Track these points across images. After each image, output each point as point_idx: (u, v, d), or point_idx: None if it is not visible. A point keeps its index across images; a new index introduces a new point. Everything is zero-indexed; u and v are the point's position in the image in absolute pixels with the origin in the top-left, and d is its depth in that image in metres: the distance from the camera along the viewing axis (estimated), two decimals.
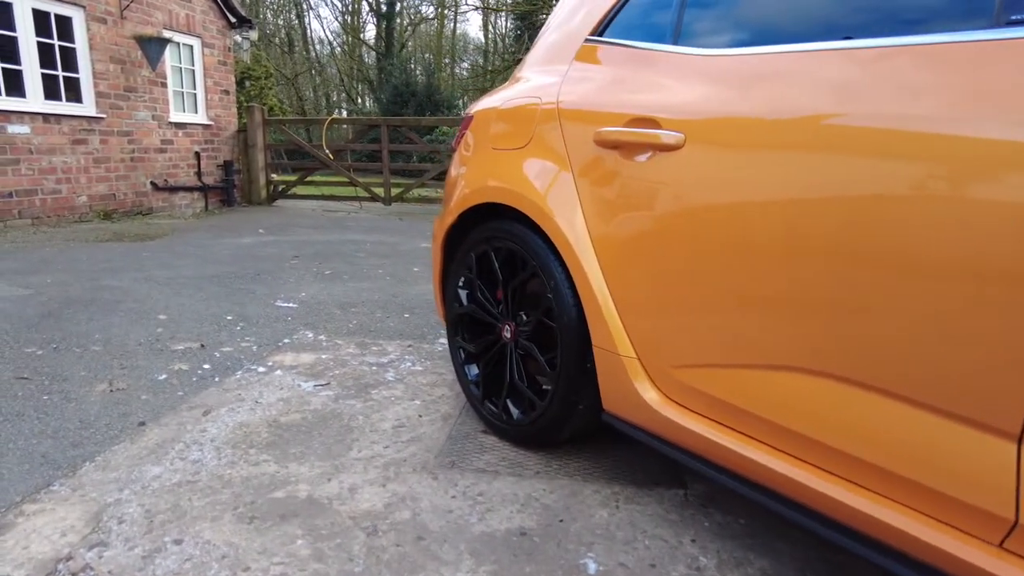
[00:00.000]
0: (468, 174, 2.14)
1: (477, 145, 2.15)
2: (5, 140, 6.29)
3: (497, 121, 2.06)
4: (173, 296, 3.66)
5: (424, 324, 3.37)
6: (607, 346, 1.64)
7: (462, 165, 2.23)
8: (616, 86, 1.70)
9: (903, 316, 1.08)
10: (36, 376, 2.39)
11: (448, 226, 2.19)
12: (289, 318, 3.35)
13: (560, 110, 1.80)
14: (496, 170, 1.99)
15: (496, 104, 2.11)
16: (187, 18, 8.40)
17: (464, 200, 2.09)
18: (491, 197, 1.98)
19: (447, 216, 2.21)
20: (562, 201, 1.73)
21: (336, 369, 2.64)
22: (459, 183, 2.19)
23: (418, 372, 2.66)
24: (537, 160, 1.84)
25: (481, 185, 2.03)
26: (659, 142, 1.50)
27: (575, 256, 1.68)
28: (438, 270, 2.33)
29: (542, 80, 1.96)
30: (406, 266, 4.95)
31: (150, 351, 2.74)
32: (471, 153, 2.18)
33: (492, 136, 2.06)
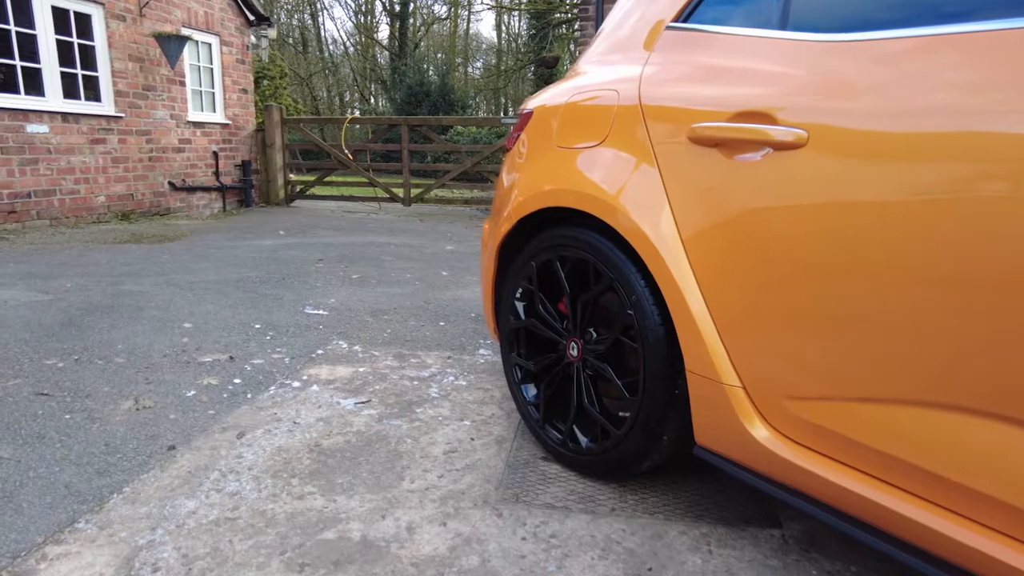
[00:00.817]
0: (527, 176, 1.95)
1: (538, 144, 1.96)
2: (24, 140, 6.17)
3: (564, 117, 1.86)
4: (197, 302, 3.49)
5: (461, 333, 3.18)
6: (704, 372, 1.44)
7: (518, 166, 2.04)
8: (712, 77, 1.50)
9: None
10: (57, 392, 2.22)
11: (504, 234, 2.00)
12: (320, 326, 3.17)
13: (643, 104, 1.60)
14: (563, 171, 1.80)
15: (561, 99, 1.91)
16: (206, 16, 8.27)
17: (523, 205, 1.90)
18: (556, 201, 1.78)
19: (502, 222, 2.01)
20: (647, 205, 1.54)
21: (376, 384, 2.45)
22: (516, 186, 2.00)
23: (463, 388, 2.47)
24: (615, 159, 1.64)
25: (544, 188, 1.83)
26: (774, 139, 1.29)
27: (664, 267, 1.48)
28: (490, 281, 2.14)
29: (616, 72, 1.77)
30: (434, 270, 4.76)
31: (176, 363, 2.57)
32: (530, 153, 1.99)
33: (558, 134, 1.86)
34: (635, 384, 1.62)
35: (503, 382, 2.54)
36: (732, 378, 1.40)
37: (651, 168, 1.55)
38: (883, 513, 1.15)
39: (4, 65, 6.07)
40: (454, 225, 7.72)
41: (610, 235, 1.66)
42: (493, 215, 2.21)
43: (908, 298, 1.09)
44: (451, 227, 7.52)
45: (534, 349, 2.02)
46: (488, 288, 2.16)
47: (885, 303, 1.12)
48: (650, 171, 1.55)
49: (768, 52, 1.42)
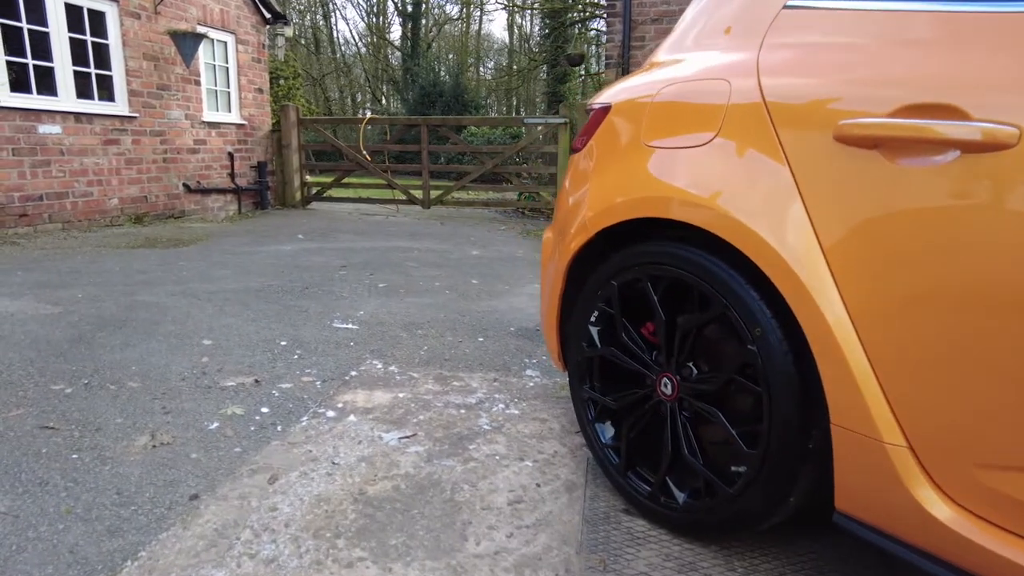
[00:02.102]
0: (605, 182, 1.67)
1: (618, 144, 1.68)
2: (36, 141, 5.96)
3: (655, 113, 1.58)
4: (216, 315, 3.24)
5: (503, 351, 2.90)
6: (856, 426, 1.15)
7: (592, 170, 1.76)
8: (860, 63, 1.22)
9: None
10: (64, 425, 1.97)
11: (576, 248, 1.72)
12: (351, 343, 2.90)
13: (767, 97, 1.32)
14: (655, 175, 1.52)
15: (649, 91, 1.63)
16: (221, 13, 8.06)
17: (602, 215, 1.62)
18: (647, 210, 1.50)
19: (572, 235, 1.73)
20: (777, 217, 1.25)
21: (419, 413, 2.18)
22: (590, 193, 1.72)
23: (515, 417, 2.19)
24: (729, 162, 1.36)
25: (630, 195, 1.56)
26: (964, 139, 1.01)
27: (804, 295, 1.20)
28: (555, 301, 1.86)
29: (721, 60, 1.48)
30: (463, 278, 4.49)
31: (196, 388, 2.31)
32: (607, 155, 1.71)
33: (647, 132, 1.58)
34: (754, 434, 1.34)
35: (559, 411, 2.27)
36: (895, 435, 1.12)
37: (781, 172, 1.27)
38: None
39: (16, 64, 5.87)
40: (476, 228, 7.45)
41: (722, 252, 1.38)
42: (557, 225, 1.93)
43: None
44: (473, 230, 7.25)
45: (612, 382, 1.74)
46: (552, 309, 1.88)
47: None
48: (779, 176, 1.26)
49: (940, 29, 1.14)
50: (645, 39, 7.57)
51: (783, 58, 1.35)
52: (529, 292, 4.12)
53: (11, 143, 5.76)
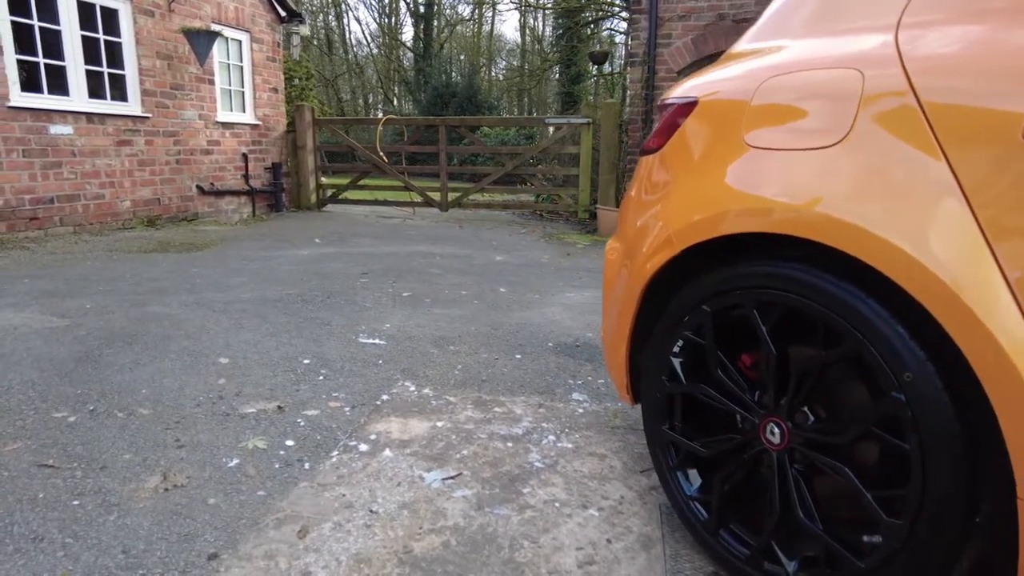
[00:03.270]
0: (695, 187, 1.42)
1: (711, 144, 1.43)
2: (47, 141, 5.79)
3: (761, 107, 1.33)
4: (233, 329, 3.01)
5: (543, 370, 2.66)
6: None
7: (675, 174, 1.51)
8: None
9: None
10: (65, 462, 1.74)
11: (656, 267, 1.47)
12: (380, 361, 2.67)
13: (918, 90, 1.07)
14: (764, 181, 1.27)
15: (747, 82, 1.38)
16: (236, 11, 7.87)
17: (694, 228, 1.37)
18: (757, 223, 1.25)
19: (653, 251, 1.48)
20: (936, 232, 1.00)
21: (462, 447, 1.94)
22: (673, 201, 1.47)
23: (569, 453, 1.95)
24: (869, 165, 1.11)
25: (732, 205, 1.31)
26: None
27: (976, 329, 0.94)
28: (626, 327, 1.61)
29: (848, 46, 1.23)
30: (490, 286, 4.26)
31: (212, 416, 2.08)
32: (696, 156, 1.46)
33: (750, 129, 1.33)
34: (898, 501, 1.09)
35: (617, 444, 2.02)
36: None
37: (940, 177, 1.01)
38: None
39: (26, 63, 5.70)
40: (496, 232, 7.22)
41: (856, 277, 1.13)
42: (625, 238, 1.69)
43: None
44: (493, 234, 7.02)
45: (700, 424, 1.49)
46: (621, 336, 1.63)
47: None
48: (938, 182, 1.01)
49: None
50: (672, 36, 7.31)
51: (936, 39, 1.10)
52: (562, 302, 3.87)
53: (22, 144, 5.58)
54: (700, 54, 7.19)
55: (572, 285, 4.42)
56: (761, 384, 1.35)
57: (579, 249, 6.24)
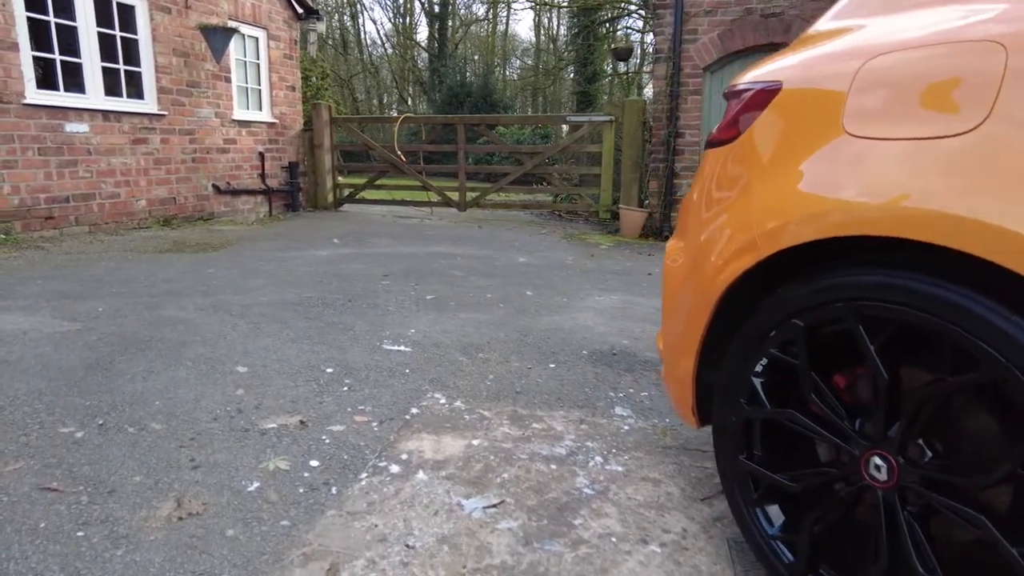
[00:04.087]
0: (782, 183, 1.24)
1: (802, 134, 1.24)
2: (63, 140, 5.70)
3: (866, 91, 1.14)
4: (251, 335, 2.86)
5: (581, 380, 2.48)
6: None
7: (756, 168, 1.33)
8: None
9: None
10: (71, 485, 1.59)
11: (735, 274, 1.28)
12: (406, 370, 2.50)
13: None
14: (875, 176, 1.08)
15: (842, 64, 1.19)
16: (253, 8, 7.76)
17: (780, 232, 1.18)
18: (867, 225, 1.06)
19: (730, 256, 1.30)
20: None
21: (501, 470, 1.77)
22: (755, 199, 1.29)
23: (620, 477, 1.77)
24: (1017, 157, 0.92)
25: (829, 205, 1.12)
26: None
27: None
28: (695, 341, 1.42)
29: (968, 14, 1.05)
30: (516, 288, 4.08)
31: (230, 432, 1.92)
32: (783, 147, 1.28)
33: (854, 116, 1.14)
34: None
35: (671, 468, 1.84)
36: None
37: None
38: None
39: (42, 60, 5.61)
40: (516, 232, 7.04)
41: (995, 290, 0.94)
42: (691, 239, 1.50)
43: None
44: (513, 234, 6.85)
45: (786, 454, 1.31)
46: (688, 350, 1.45)
47: None
48: None
49: None
50: (698, 32, 7.09)
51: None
52: (591, 306, 3.69)
53: (37, 142, 5.49)
54: (727, 50, 6.97)
55: (600, 288, 4.24)
56: (862, 411, 1.17)
57: (603, 250, 6.06)
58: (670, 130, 7.12)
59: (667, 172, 7.15)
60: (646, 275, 4.81)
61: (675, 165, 7.16)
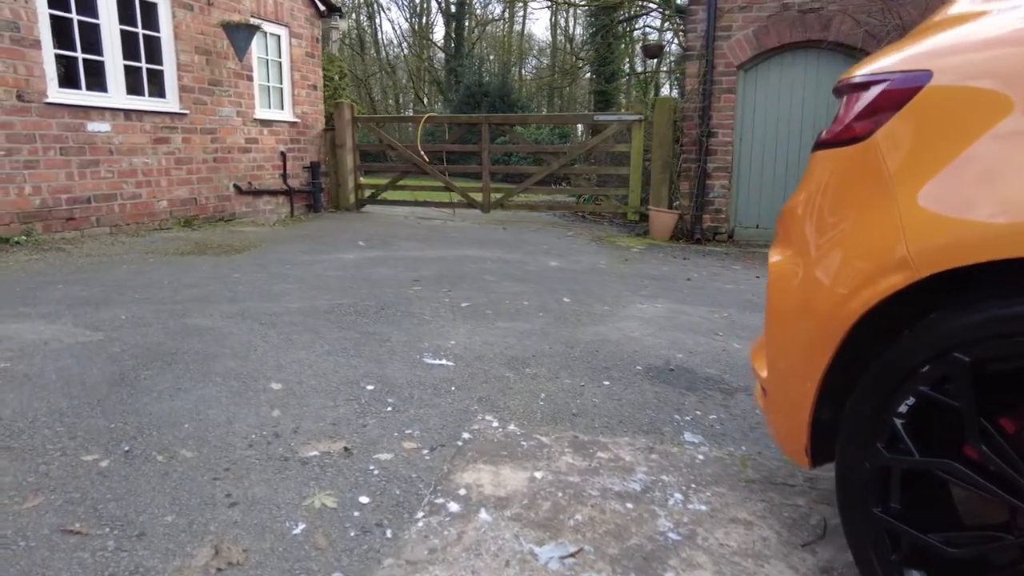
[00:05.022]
0: (946, 189, 1.03)
1: (965, 132, 1.03)
2: (84, 139, 5.58)
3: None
4: (284, 346, 2.69)
5: (640, 401, 2.28)
6: None
7: (904, 171, 1.12)
8: None
9: None
10: (95, 526, 1.41)
11: (877, 298, 1.08)
12: (452, 388, 2.32)
13: None
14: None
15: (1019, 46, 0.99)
16: (275, 5, 7.63)
17: (953, 249, 0.97)
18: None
19: (869, 276, 1.09)
20: None
21: (573, 510, 1.57)
22: (902, 209, 1.08)
23: (705, 518, 1.57)
24: None
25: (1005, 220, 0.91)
26: None
27: None
28: (816, 371, 1.21)
29: None
30: (552, 295, 3.89)
31: (268, 460, 1.74)
32: (940, 145, 1.07)
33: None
34: None
35: (760, 506, 1.63)
36: None
37: None
38: None
39: (64, 58, 5.50)
40: (542, 234, 6.85)
41: None
42: (804, 252, 1.30)
43: None
44: (540, 236, 6.65)
45: (937, 511, 1.10)
46: (806, 382, 1.24)
47: None
48: None
49: None
50: (732, 28, 6.86)
51: None
52: (635, 315, 3.49)
53: (59, 142, 5.38)
54: (762, 47, 6.73)
55: (641, 295, 4.03)
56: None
57: (635, 253, 5.85)
58: (703, 129, 6.88)
59: (699, 173, 6.92)
60: (685, 280, 4.60)
61: (707, 166, 6.92)
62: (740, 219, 7.03)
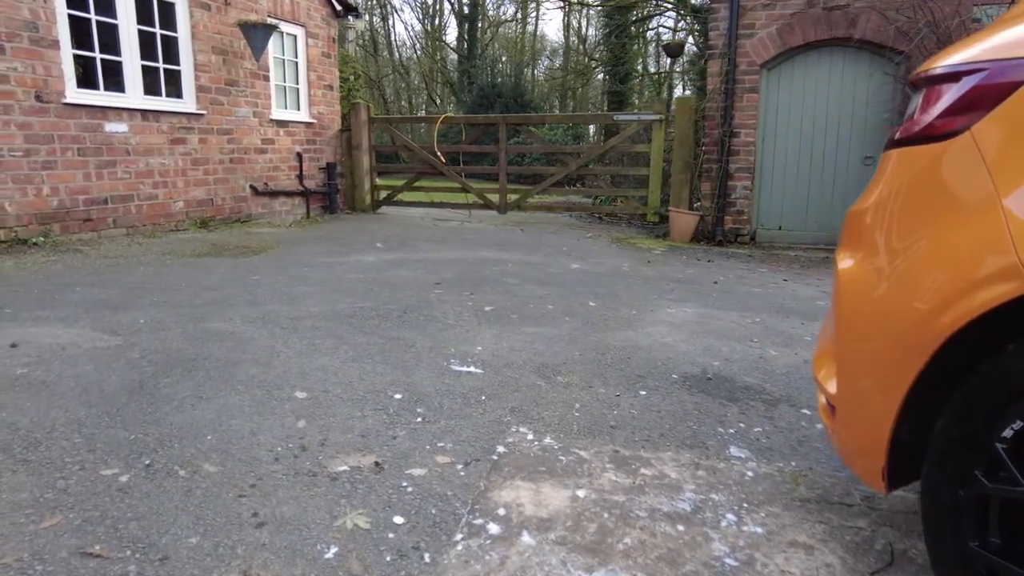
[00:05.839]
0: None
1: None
2: (102, 140, 5.55)
3: None
4: (307, 351, 2.61)
5: (680, 412, 2.18)
6: None
7: (1006, 171, 1.01)
8: None
9: None
10: (116, 548, 1.33)
11: (978, 311, 0.97)
12: (482, 397, 2.22)
13: None
14: None
15: None
16: (292, 4, 7.58)
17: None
18: None
19: (968, 287, 0.99)
20: None
21: (621, 532, 1.47)
22: (989, 216, 0.97)
23: (762, 541, 1.46)
24: None
25: None
26: None
27: None
28: (898, 390, 1.10)
29: None
30: (577, 299, 3.78)
31: (295, 475, 1.66)
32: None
33: None
34: None
35: (818, 528, 1.52)
36: None
37: None
38: None
39: (82, 58, 5.47)
40: (560, 235, 6.74)
41: None
42: (879, 257, 1.19)
43: None
44: (558, 238, 6.55)
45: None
46: (887, 402, 1.14)
47: None
48: None
49: None
50: (755, 26, 6.72)
51: None
52: (665, 320, 3.38)
53: (77, 142, 5.35)
54: (786, 45, 6.59)
55: (667, 298, 3.92)
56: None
57: (657, 256, 5.73)
58: (724, 129, 6.75)
59: (721, 173, 6.79)
60: (712, 284, 4.48)
61: (729, 166, 6.79)
62: (762, 220, 6.88)
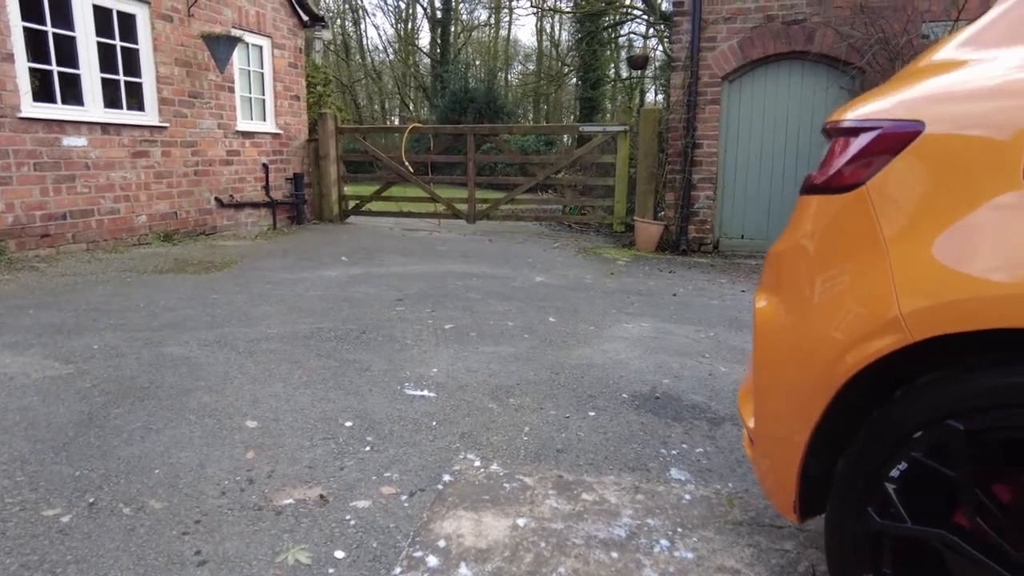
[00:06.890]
0: (944, 248, 0.99)
1: (964, 187, 1.00)
2: (60, 154, 5.47)
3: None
4: (261, 377, 2.62)
5: (626, 434, 2.24)
6: None
7: (898, 225, 1.08)
8: None
9: None
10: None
11: (867, 360, 1.04)
12: (433, 422, 2.26)
13: None
14: None
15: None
16: (257, 16, 7.54)
17: (948, 312, 0.94)
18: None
19: (860, 336, 1.05)
20: None
21: (556, 562, 1.52)
22: (896, 265, 1.04)
23: (691, 567, 1.52)
24: None
25: None
26: None
27: None
28: (805, 428, 1.17)
29: None
30: (538, 315, 3.84)
31: (241, 511, 1.68)
32: (937, 201, 1.03)
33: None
34: None
35: (747, 552, 1.59)
36: None
37: None
38: None
39: (39, 71, 5.39)
40: (528, 245, 6.81)
41: None
42: (791, 301, 1.26)
43: None
44: (526, 248, 6.61)
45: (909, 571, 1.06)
46: (793, 439, 1.20)
47: None
48: None
49: None
50: (716, 39, 6.86)
51: None
52: (621, 335, 3.45)
53: (33, 157, 5.26)
54: (747, 58, 6.74)
55: (626, 312, 4.00)
56: None
57: (621, 267, 5.82)
58: (688, 140, 6.88)
59: (684, 183, 6.92)
60: (671, 296, 4.57)
61: (692, 176, 6.92)
62: (725, 230, 7.03)
